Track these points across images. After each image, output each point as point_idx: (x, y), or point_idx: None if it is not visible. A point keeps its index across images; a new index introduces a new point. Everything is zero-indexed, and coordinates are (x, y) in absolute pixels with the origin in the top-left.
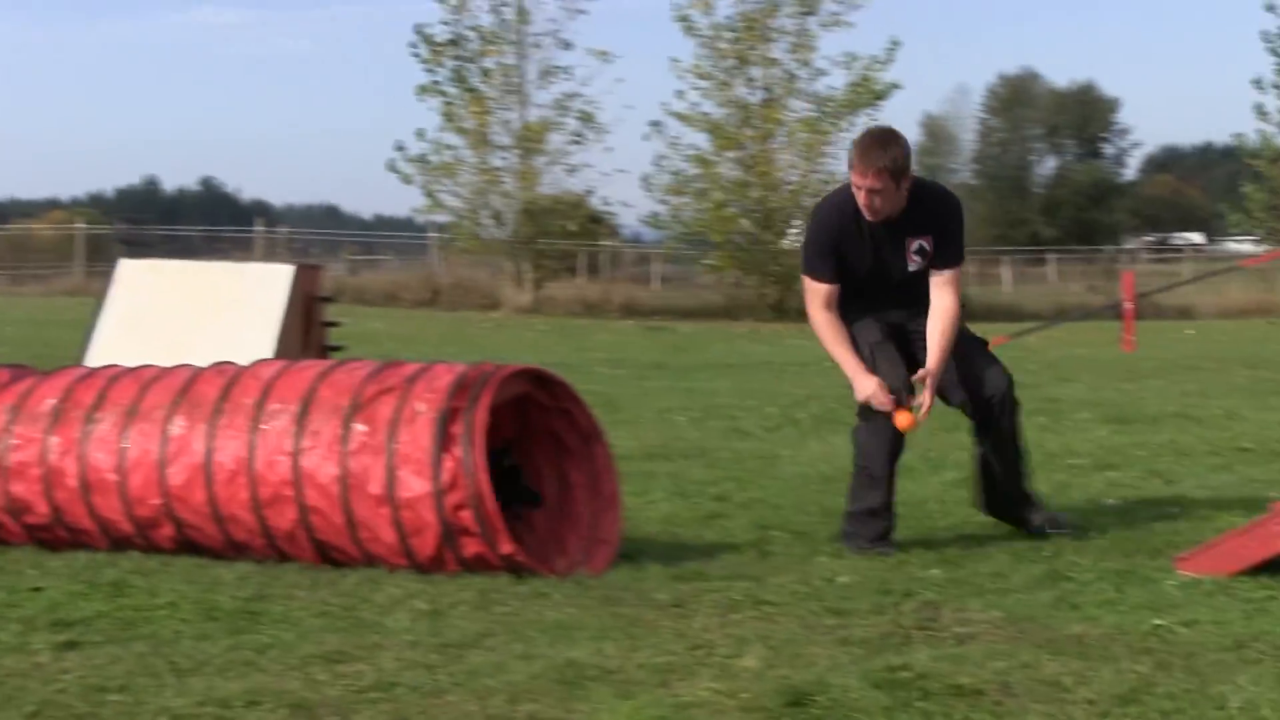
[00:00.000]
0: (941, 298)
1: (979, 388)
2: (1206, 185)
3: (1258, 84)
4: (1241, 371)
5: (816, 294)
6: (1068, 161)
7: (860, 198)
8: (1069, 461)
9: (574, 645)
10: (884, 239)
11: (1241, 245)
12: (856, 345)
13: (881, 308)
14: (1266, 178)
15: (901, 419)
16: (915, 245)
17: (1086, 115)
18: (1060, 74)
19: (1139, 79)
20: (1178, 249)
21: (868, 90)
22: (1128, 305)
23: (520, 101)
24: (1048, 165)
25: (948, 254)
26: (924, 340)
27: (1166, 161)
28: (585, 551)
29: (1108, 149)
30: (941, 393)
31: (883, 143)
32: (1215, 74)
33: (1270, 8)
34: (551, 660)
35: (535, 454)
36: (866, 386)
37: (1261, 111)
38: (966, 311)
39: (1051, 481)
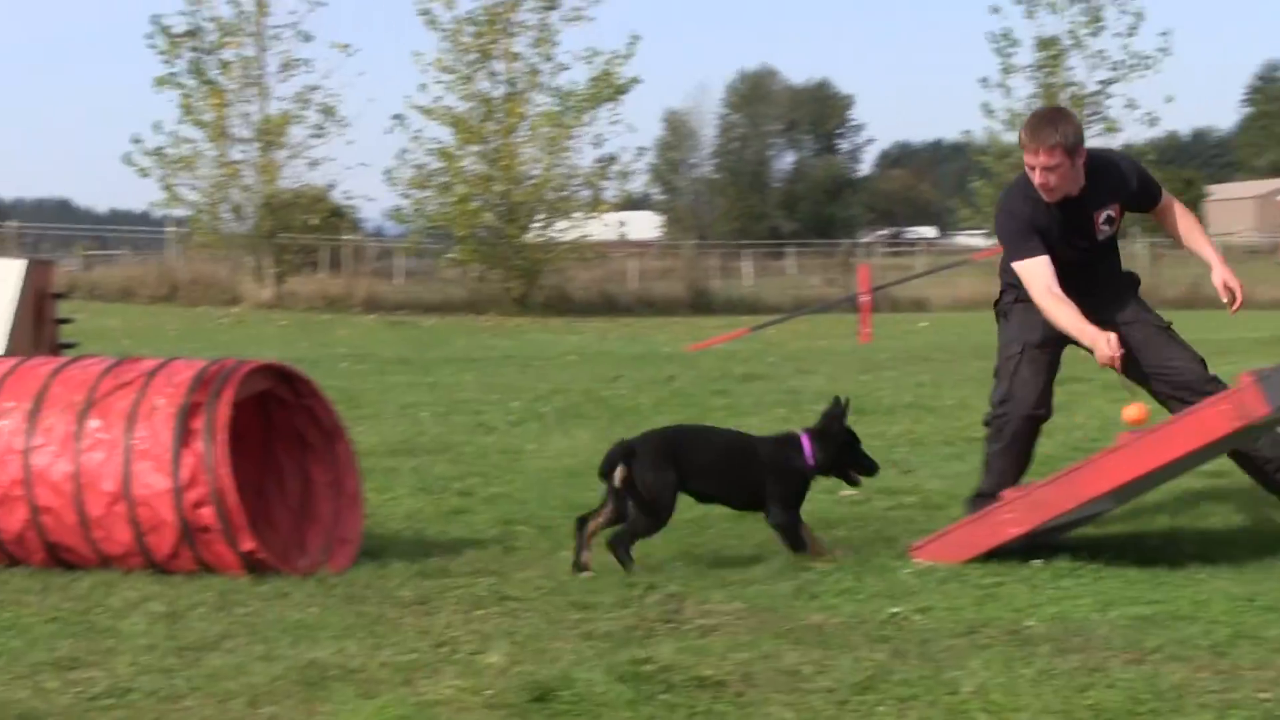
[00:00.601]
0: (1175, 214)
1: (1181, 376)
2: (938, 181)
3: (985, 83)
4: (973, 362)
5: (1036, 274)
6: (805, 157)
7: (1036, 178)
8: None
9: (316, 645)
10: (1070, 218)
11: (972, 239)
12: (1012, 341)
13: (1069, 291)
14: (994, 173)
15: (1131, 411)
16: (1103, 216)
17: (823, 111)
18: (797, 71)
19: (872, 77)
20: (912, 243)
21: (609, 85)
22: (864, 298)
23: (260, 94)
24: (786, 160)
25: (1150, 193)
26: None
27: (900, 157)
28: (327, 550)
29: (843, 145)
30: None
31: (1052, 120)
32: (945, 73)
33: (995, 10)
34: (293, 661)
35: (278, 452)
36: (1100, 341)
37: (989, 110)
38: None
39: None
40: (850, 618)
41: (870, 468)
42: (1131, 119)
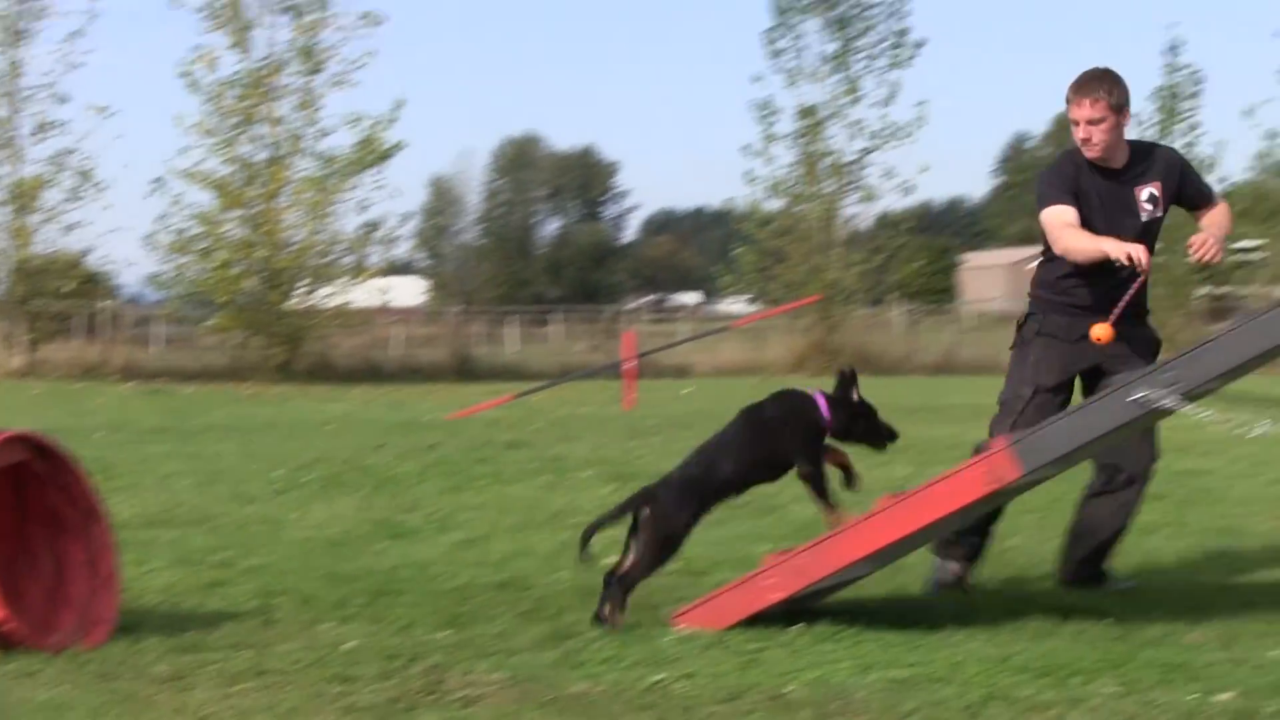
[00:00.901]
0: (1215, 212)
1: (1124, 458)
2: (701, 247)
3: (747, 151)
4: None
5: (1059, 216)
6: (570, 223)
7: (1079, 133)
8: (573, 520)
9: None
10: (1113, 192)
11: (734, 306)
12: (1024, 381)
13: (1107, 294)
14: (756, 240)
15: (1099, 330)
16: (1146, 193)
17: (587, 178)
18: (562, 138)
19: (636, 144)
20: (675, 309)
21: (374, 150)
22: (629, 364)
23: (13, 156)
24: (551, 227)
25: (1201, 190)
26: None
27: (664, 224)
28: (80, 631)
29: (608, 211)
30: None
31: (1100, 77)
32: (708, 140)
33: (757, 79)
34: None
35: (31, 528)
36: (1118, 247)
37: (751, 177)
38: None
39: (555, 540)
40: (613, 686)
41: (892, 436)
42: (889, 187)
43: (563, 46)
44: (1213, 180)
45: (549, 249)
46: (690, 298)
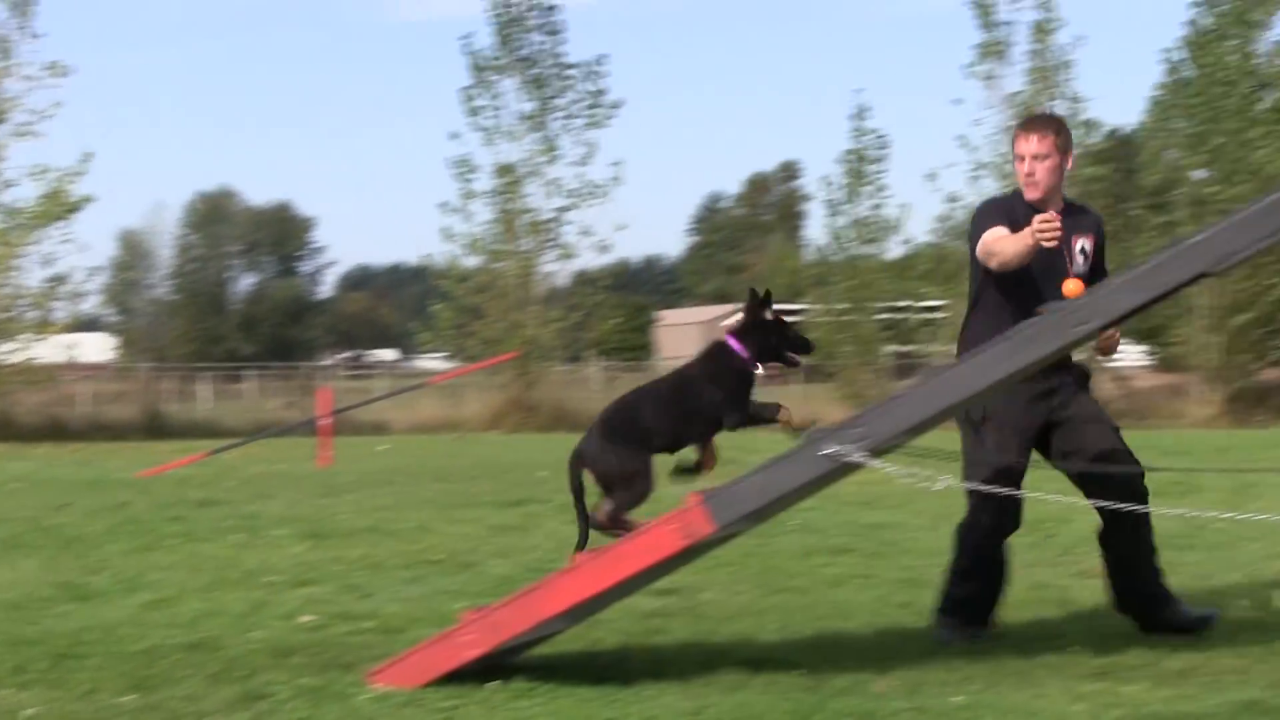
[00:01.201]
0: None
1: (1109, 479)
2: (399, 304)
3: (445, 207)
4: (432, 485)
5: (994, 234)
6: (266, 279)
7: (1023, 169)
8: (266, 579)
9: None
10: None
11: (432, 362)
12: (986, 464)
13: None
14: (454, 297)
15: (1071, 285)
16: (1079, 244)
17: (283, 233)
18: (257, 193)
19: (333, 199)
20: (372, 366)
21: (60, 202)
22: (323, 421)
23: None
24: (246, 282)
25: (1105, 266)
26: (1067, 432)
27: (361, 280)
28: None
29: (304, 267)
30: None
31: (1049, 117)
32: (405, 197)
33: (455, 136)
34: None
35: None
36: (1031, 232)
37: (449, 234)
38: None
39: (247, 599)
40: None
41: (806, 346)
42: (586, 245)
43: (258, 100)
44: (897, 242)
45: (243, 305)
46: (387, 354)
